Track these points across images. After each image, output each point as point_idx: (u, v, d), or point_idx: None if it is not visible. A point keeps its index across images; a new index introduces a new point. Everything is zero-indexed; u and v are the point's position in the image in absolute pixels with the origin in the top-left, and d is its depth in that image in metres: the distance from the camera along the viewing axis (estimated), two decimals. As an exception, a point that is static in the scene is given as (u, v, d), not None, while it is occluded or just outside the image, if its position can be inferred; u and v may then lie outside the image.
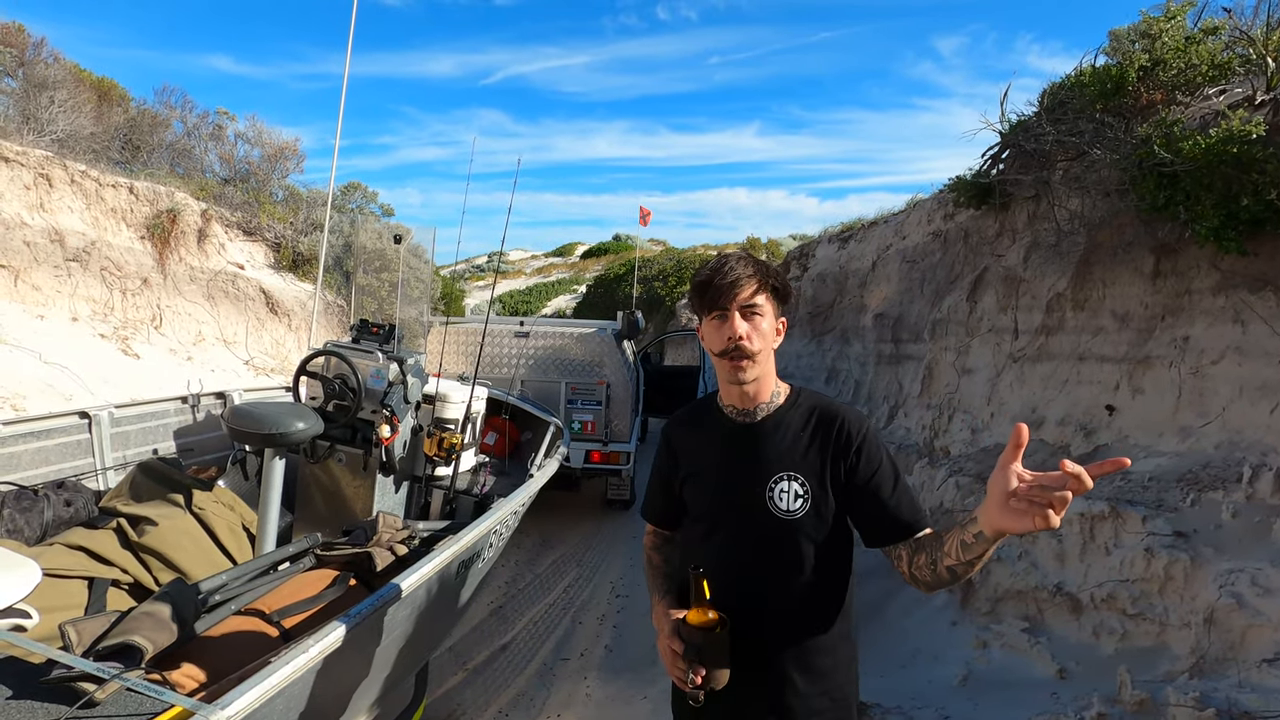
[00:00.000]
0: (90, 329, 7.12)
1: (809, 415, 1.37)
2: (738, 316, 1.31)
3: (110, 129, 10.16)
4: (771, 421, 1.38)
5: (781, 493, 1.31)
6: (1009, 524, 1.01)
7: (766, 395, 1.39)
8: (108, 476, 3.13)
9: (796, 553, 1.31)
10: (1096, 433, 3.83)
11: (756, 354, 1.32)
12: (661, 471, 1.55)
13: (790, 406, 1.39)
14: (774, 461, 1.34)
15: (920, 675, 3.31)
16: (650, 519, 1.61)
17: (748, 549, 1.33)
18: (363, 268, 10.65)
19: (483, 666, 3.71)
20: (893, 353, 6.72)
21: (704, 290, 1.35)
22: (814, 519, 1.30)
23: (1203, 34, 3.73)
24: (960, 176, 5.33)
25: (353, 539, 2.52)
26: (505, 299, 31.18)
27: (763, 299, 1.33)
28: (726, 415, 1.42)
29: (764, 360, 1.34)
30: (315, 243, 10.05)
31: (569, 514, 6.44)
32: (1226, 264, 3.27)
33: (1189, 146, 3.08)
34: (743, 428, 1.39)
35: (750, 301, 1.32)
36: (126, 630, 1.58)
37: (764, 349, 1.33)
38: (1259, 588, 2.53)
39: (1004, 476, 1.02)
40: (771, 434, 1.36)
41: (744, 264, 1.33)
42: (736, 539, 1.35)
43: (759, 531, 1.32)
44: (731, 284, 1.31)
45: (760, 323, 1.32)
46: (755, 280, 1.32)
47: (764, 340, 1.33)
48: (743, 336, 1.30)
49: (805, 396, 1.41)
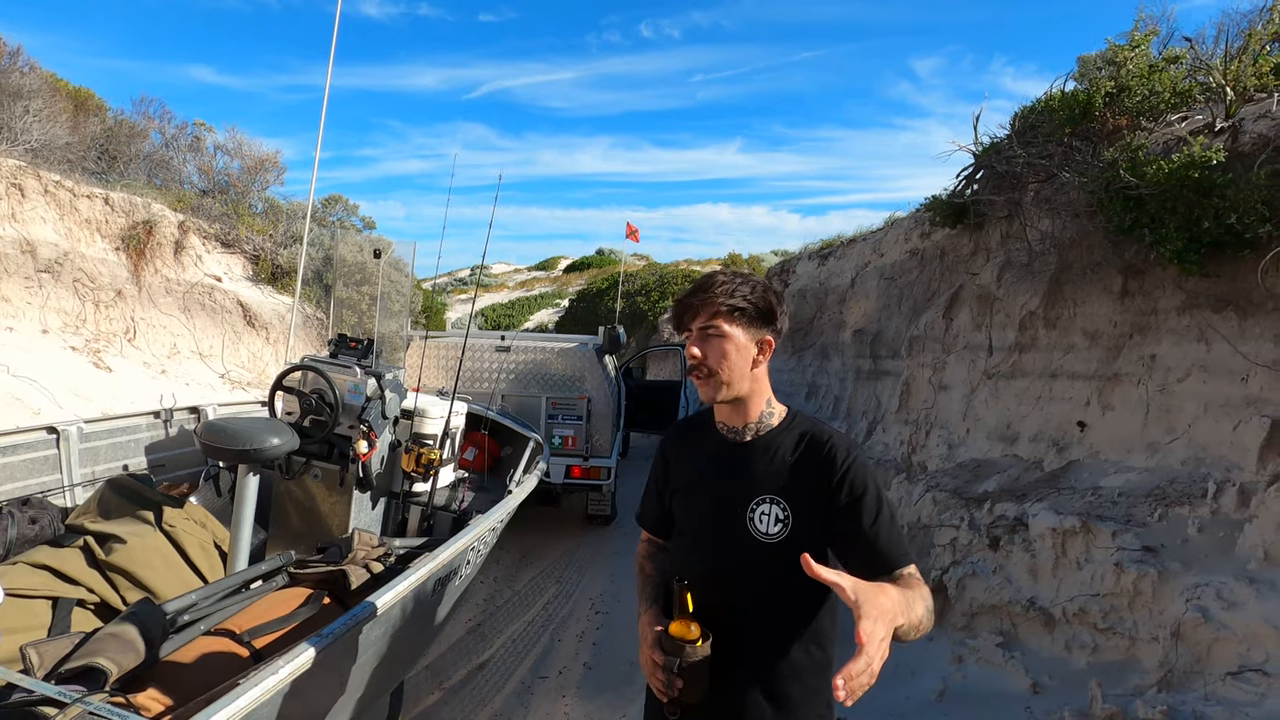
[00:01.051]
0: (61, 341, 6.98)
1: (800, 440, 1.35)
2: (696, 338, 1.34)
3: (86, 139, 10.04)
4: (761, 443, 1.37)
5: (762, 515, 1.31)
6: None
7: (755, 415, 1.38)
8: (75, 493, 3.07)
9: (771, 576, 1.29)
10: (1068, 448, 3.90)
11: (716, 374, 1.32)
12: (655, 480, 1.58)
13: (783, 430, 1.38)
14: (758, 483, 1.33)
15: (898, 691, 3.33)
16: (644, 525, 1.63)
17: (725, 568, 1.33)
18: (342, 281, 10.57)
19: (460, 685, 3.67)
20: (871, 369, 6.80)
21: (674, 310, 1.41)
22: (791, 544, 1.26)
23: (1165, 62, 3.86)
24: (936, 196, 5.44)
25: (327, 556, 2.49)
26: (488, 312, 31.07)
27: (721, 322, 1.31)
28: (719, 432, 1.43)
29: (735, 381, 1.33)
30: (295, 255, 9.97)
31: (549, 530, 6.39)
32: (1190, 284, 3.37)
33: (1153, 171, 3.18)
34: (732, 445, 1.40)
35: (708, 324, 1.32)
36: (91, 652, 1.54)
37: (728, 370, 1.32)
38: (1224, 601, 2.58)
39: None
40: (760, 455, 1.36)
41: (709, 288, 1.33)
42: (715, 557, 1.35)
43: (736, 552, 1.32)
44: (689, 307, 1.35)
45: (722, 344, 1.32)
46: (713, 304, 1.32)
47: (726, 362, 1.31)
48: (697, 356, 1.33)
49: (800, 421, 1.40)
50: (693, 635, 1.19)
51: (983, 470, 4.40)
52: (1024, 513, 3.58)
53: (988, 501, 3.95)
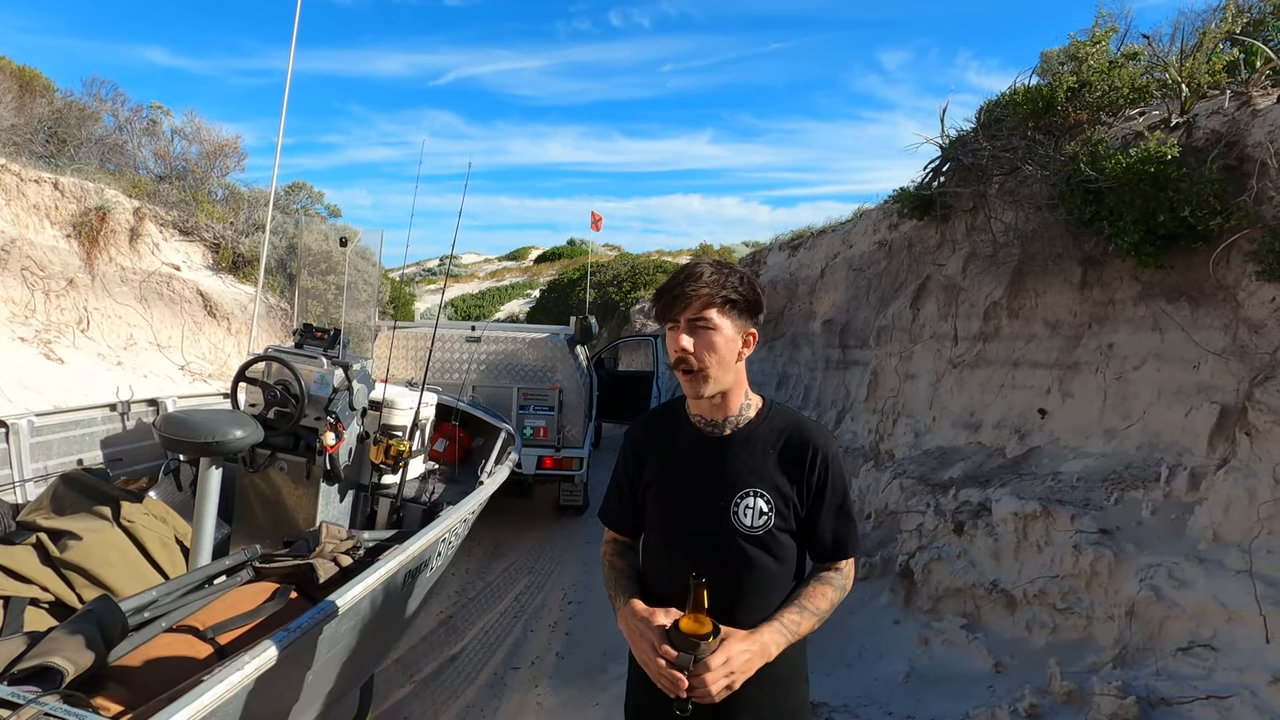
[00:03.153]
0: (9, 332, 6.71)
1: (780, 433, 1.35)
2: (684, 331, 1.29)
3: (33, 121, 9.62)
4: (741, 436, 1.36)
5: (746, 509, 1.31)
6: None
7: (735, 408, 1.37)
8: (27, 489, 2.96)
9: (757, 568, 1.31)
10: (1030, 435, 4.01)
11: (705, 369, 1.29)
12: (625, 476, 1.50)
13: (761, 421, 1.37)
14: (740, 477, 1.33)
15: (865, 673, 3.40)
16: (610, 524, 1.54)
17: (707, 562, 1.31)
18: (308, 270, 10.34)
19: (431, 678, 3.64)
20: (840, 358, 6.89)
21: (658, 300, 1.34)
22: (775, 536, 1.31)
23: (1124, 58, 3.96)
24: (904, 188, 5.51)
25: (294, 550, 2.45)
26: (458, 303, 30.69)
27: (714, 314, 1.28)
28: (694, 425, 1.40)
29: (720, 374, 1.31)
30: (257, 244, 9.72)
31: (521, 521, 6.37)
32: (1146, 276, 3.48)
33: (1111, 165, 3.26)
34: (710, 439, 1.37)
35: (698, 316, 1.28)
36: (45, 651, 1.50)
37: (717, 365, 1.29)
38: (1175, 580, 2.68)
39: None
40: (740, 449, 1.35)
41: (699, 277, 1.28)
42: (696, 551, 1.34)
43: (720, 545, 1.32)
44: (679, 297, 1.29)
45: (711, 337, 1.28)
46: (705, 295, 1.27)
47: (716, 355, 1.29)
48: (687, 350, 1.28)
49: (776, 412, 1.39)
50: (705, 630, 1.18)
51: (948, 457, 4.49)
52: (987, 498, 3.68)
53: (952, 488, 4.04)
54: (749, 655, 1.18)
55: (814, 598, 1.31)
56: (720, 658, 1.15)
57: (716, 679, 1.13)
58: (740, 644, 1.18)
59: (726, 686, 1.15)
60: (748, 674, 1.18)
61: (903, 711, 2.96)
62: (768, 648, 1.22)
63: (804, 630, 1.28)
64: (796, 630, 1.27)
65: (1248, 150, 3.08)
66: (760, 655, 1.20)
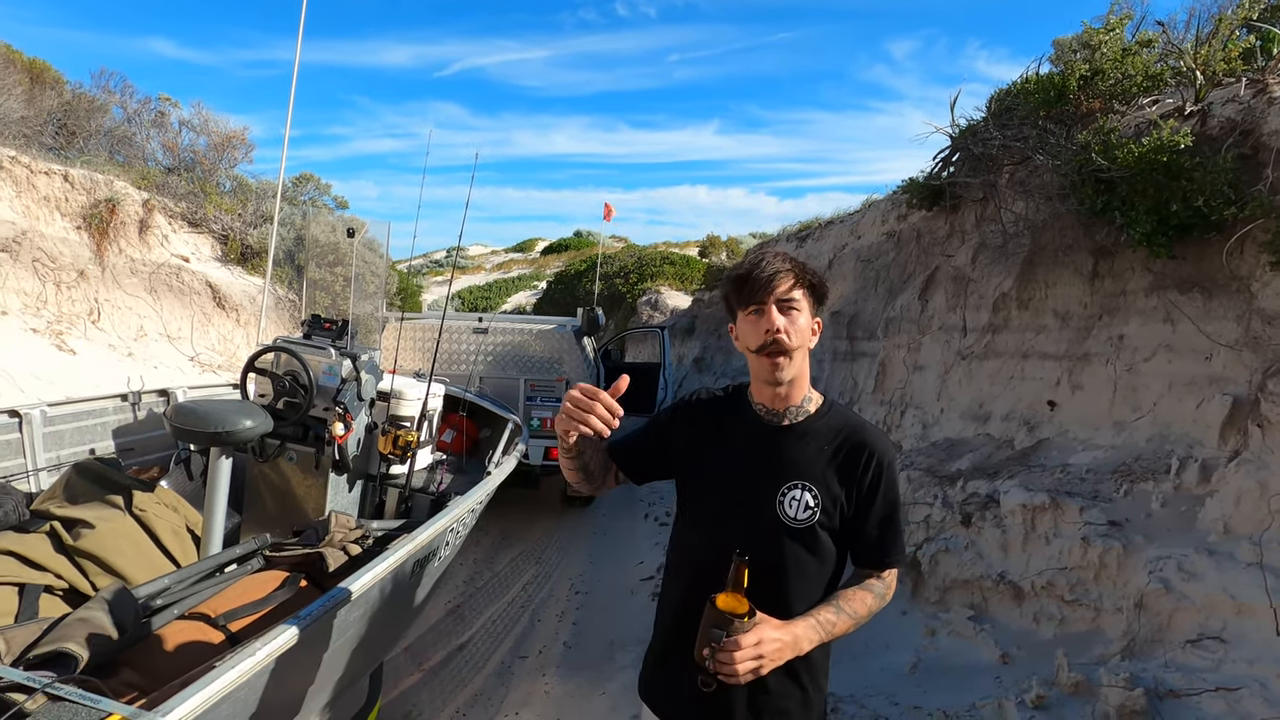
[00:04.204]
0: (21, 323, 6.76)
1: (838, 431, 1.36)
2: (775, 310, 1.29)
3: (43, 113, 9.65)
4: (799, 429, 1.36)
5: (793, 500, 1.31)
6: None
7: (798, 399, 1.37)
8: (40, 478, 2.99)
9: (794, 560, 1.31)
10: (1039, 427, 3.99)
11: (794, 350, 1.30)
12: (662, 427, 1.49)
13: (820, 417, 1.38)
14: (791, 469, 1.33)
15: (872, 664, 3.40)
16: (615, 454, 1.48)
17: (743, 547, 1.29)
18: (315, 261, 10.37)
19: (439, 666, 3.67)
20: (848, 350, 6.87)
21: (741, 284, 1.32)
22: (816, 532, 1.31)
23: (1139, 46, 3.90)
24: (913, 178, 5.47)
25: (304, 539, 2.47)
26: (464, 295, 30.74)
27: (800, 294, 1.31)
28: (755, 413, 1.40)
29: (800, 359, 1.33)
30: (265, 235, 9.75)
31: (528, 511, 6.40)
32: (1158, 266, 3.44)
33: (1124, 154, 3.23)
34: (768, 428, 1.38)
35: (788, 295, 1.30)
36: (59, 638, 1.52)
37: (801, 346, 1.31)
38: (1185, 573, 2.67)
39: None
40: (795, 441, 1.35)
41: (781, 259, 1.31)
42: (738, 537, 1.32)
43: (762, 534, 1.32)
44: (769, 277, 1.29)
45: (797, 318, 1.30)
46: (792, 275, 1.30)
47: (801, 336, 1.31)
48: (780, 330, 1.28)
49: (836, 410, 1.40)
50: (742, 610, 1.17)
51: (956, 449, 4.48)
52: (995, 490, 3.66)
53: (960, 479, 4.03)
54: (780, 644, 1.18)
55: (852, 601, 1.31)
56: (753, 638, 1.14)
57: (745, 658, 1.12)
58: (774, 631, 1.18)
59: (754, 669, 1.14)
60: (776, 662, 1.17)
61: (909, 702, 2.97)
62: (800, 641, 1.21)
63: (838, 631, 1.27)
64: (831, 630, 1.26)
65: (1263, 139, 3.04)
66: (791, 647, 1.20)
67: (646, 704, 1.48)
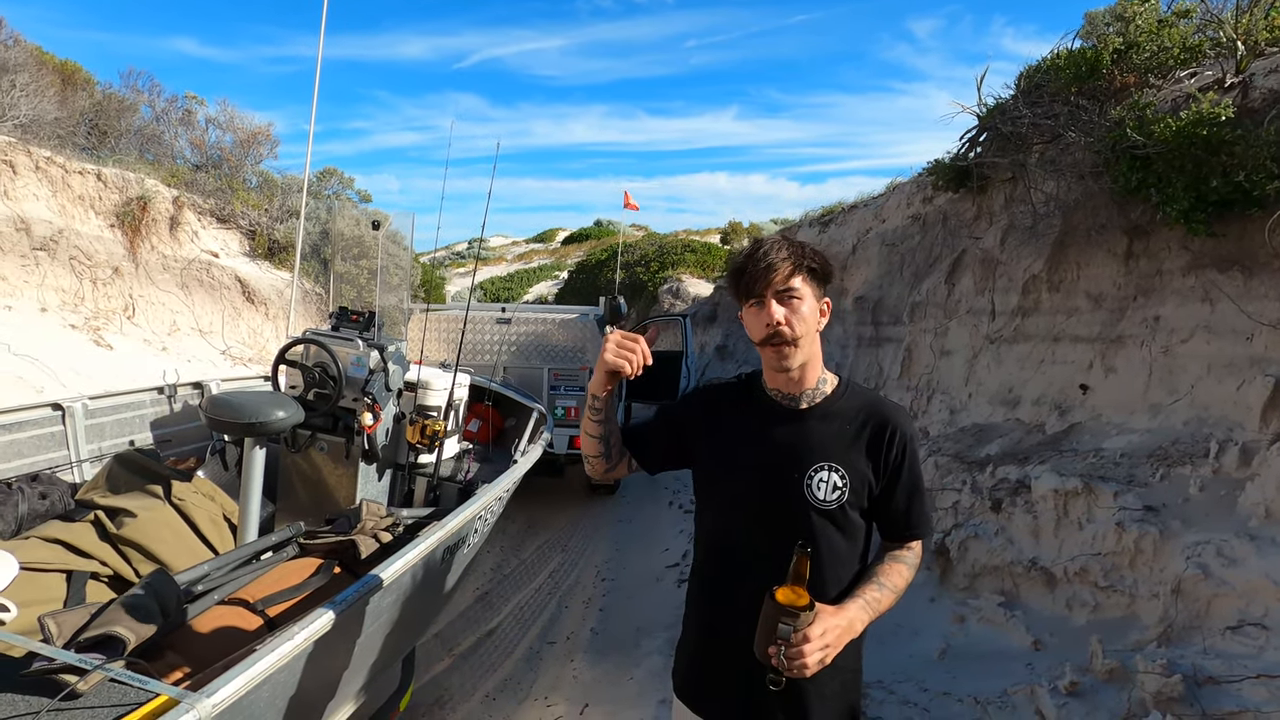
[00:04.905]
0: (60, 319, 6.96)
1: (858, 411, 1.36)
2: (774, 302, 1.29)
3: (75, 114, 9.88)
4: (819, 410, 1.36)
5: (820, 482, 1.31)
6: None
7: (813, 381, 1.37)
8: (83, 469, 3.09)
9: (826, 541, 1.31)
10: (1070, 411, 3.91)
11: (797, 339, 1.30)
12: (677, 421, 1.49)
13: (838, 398, 1.38)
14: (816, 450, 1.33)
15: (900, 650, 3.38)
16: (629, 443, 1.50)
17: (776, 533, 1.30)
18: (340, 255, 10.50)
19: (469, 651, 3.73)
20: (873, 335, 6.79)
21: (739, 277, 1.33)
22: (846, 512, 1.31)
23: (1175, 17, 3.78)
24: (939, 160, 5.37)
25: (336, 527, 2.51)
26: (486, 285, 30.90)
27: (799, 282, 1.30)
28: (771, 398, 1.40)
29: (807, 345, 1.32)
30: (290, 230, 9.90)
31: (553, 500, 6.45)
32: (1196, 245, 3.34)
33: (1160, 129, 3.13)
34: (787, 412, 1.37)
35: (786, 286, 1.29)
36: (108, 621, 1.56)
37: (805, 333, 1.31)
38: (1224, 558, 2.61)
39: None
40: (816, 423, 1.35)
41: (778, 248, 1.30)
42: (765, 522, 1.33)
43: (793, 518, 1.31)
44: (765, 269, 1.28)
45: (799, 306, 1.30)
46: (790, 264, 1.29)
47: (804, 324, 1.30)
48: (780, 322, 1.28)
49: (854, 390, 1.40)
50: (803, 603, 1.15)
51: (985, 434, 4.41)
52: (1026, 475, 3.61)
53: (989, 465, 3.97)
54: (840, 630, 1.18)
55: (891, 575, 1.32)
56: (818, 629, 1.14)
57: (814, 650, 1.12)
58: (832, 618, 1.18)
59: (820, 660, 1.14)
60: (837, 649, 1.18)
61: (939, 688, 2.95)
62: (854, 623, 1.22)
63: (884, 607, 1.29)
64: (878, 607, 1.27)
65: (1309, 110, 2.92)
66: (848, 631, 1.20)
67: (683, 702, 1.46)
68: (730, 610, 1.35)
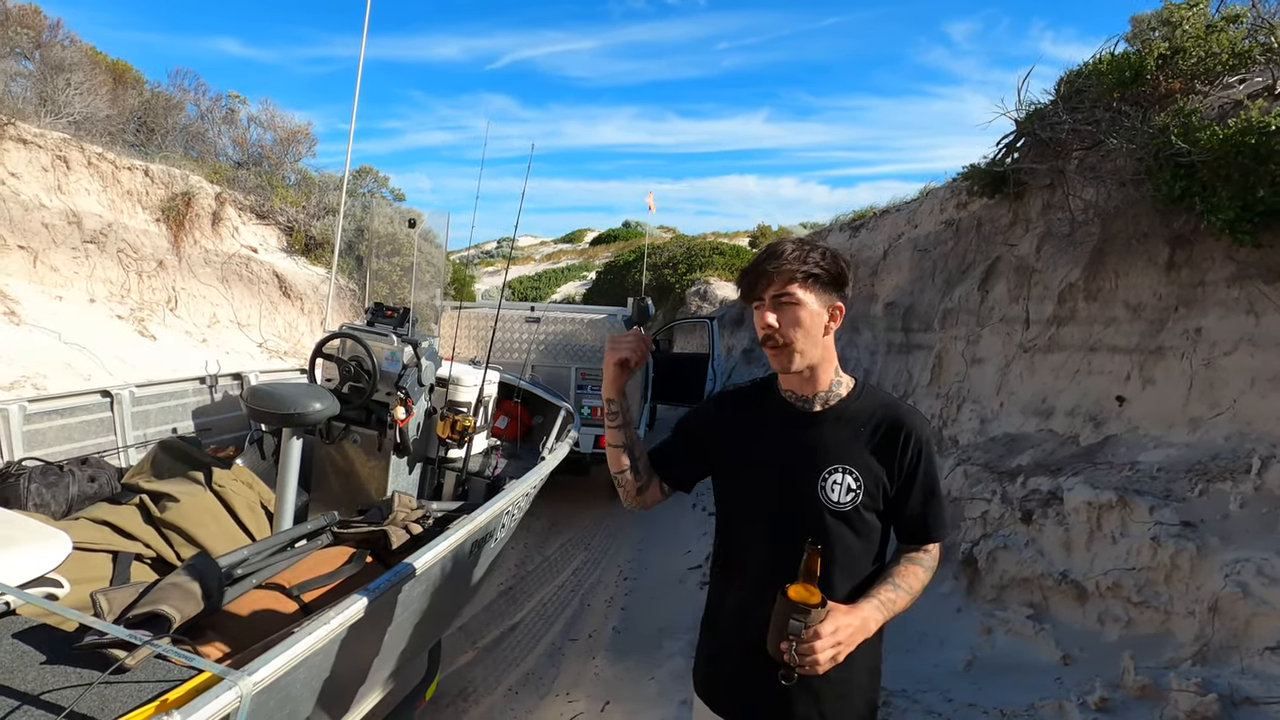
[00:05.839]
0: (108, 310, 7.21)
1: (873, 413, 1.36)
2: (769, 308, 1.32)
3: (125, 111, 10.22)
4: (833, 412, 1.37)
5: (834, 484, 1.32)
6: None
7: (825, 384, 1.38)
8: (129, 454, 3.20)
9: (840, 543, 1.32)
10: (1106, 423, 3.83)
11: (791, 343, 1.31)
12: (696, 432, 1.50)
13: (853, 400, 1.38)
14: (830, 452, 1.34)
15: (925, 659, 3.35)
16: (656, 465, 1.49)
17: (790, 535, 1.30)
18: (375, 252, 10.70)
19: (493, 645, 3.79)
20: (903, 342, 6.71)
21: (742, 280, 1.38)
22: (861, 514, 1.32)
23: (1224, 22, 3.68)
24: (974, 165, 5.29)
25: (369, 517, 2.57)
26: (514, 284, 31.17)
27: (796, 289, 1.30)
28: (785, 400, 1.41)
29: (807, 350, 1.33)
30: (327, 227, 10.11)
31: (578, 498, 6.50)
32: (1241, 255, 3.25)
33: (1207, 137, 3.06)
34: (801, 414, 1.39)
35: (782, 292, 1.30)
36: (155, 600, 1.63)
37: (803, 339, 1.31)
38: (1265, 577, 2.54)
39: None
40: (831, 425, 1.36)
41: (781, 255, 1.31)
42: (780, 524, 1.34)
43: (805, 520, 1.32)
44: (762, 274, 1.31)
45: (796, 312, 1.31)
46: (787, 271, 1.30)
47: (801, 330, 1.31)
48: (773, 326, 1.31)
49: (869, 392, 1.41)
50: (815, 600, 1.17)
51: (1016, 444, 4.34)
52: (1058, 486, 3.54)
53: (1021, 475, 3.91)
54: (853, 628, 1.20)
55: (907, 577, 1.34)
56: (830, 626, 1.16)
57: (825, 648, 1.14)
58: (845, 616, 1.20)
59: (833, 657, 1.15)
60: (850, 648, 1.19)
61: (964, 699, 2.91)
62: (868, 622, 1.23)
63: (899, 608, 1.30)
64: (893, 608, 1.29)
65: (1364, 118, 2.83)
66: (861, 630, 1.22)
67: (703, 700, 1.48)
68: (747, 610, 1.36)
